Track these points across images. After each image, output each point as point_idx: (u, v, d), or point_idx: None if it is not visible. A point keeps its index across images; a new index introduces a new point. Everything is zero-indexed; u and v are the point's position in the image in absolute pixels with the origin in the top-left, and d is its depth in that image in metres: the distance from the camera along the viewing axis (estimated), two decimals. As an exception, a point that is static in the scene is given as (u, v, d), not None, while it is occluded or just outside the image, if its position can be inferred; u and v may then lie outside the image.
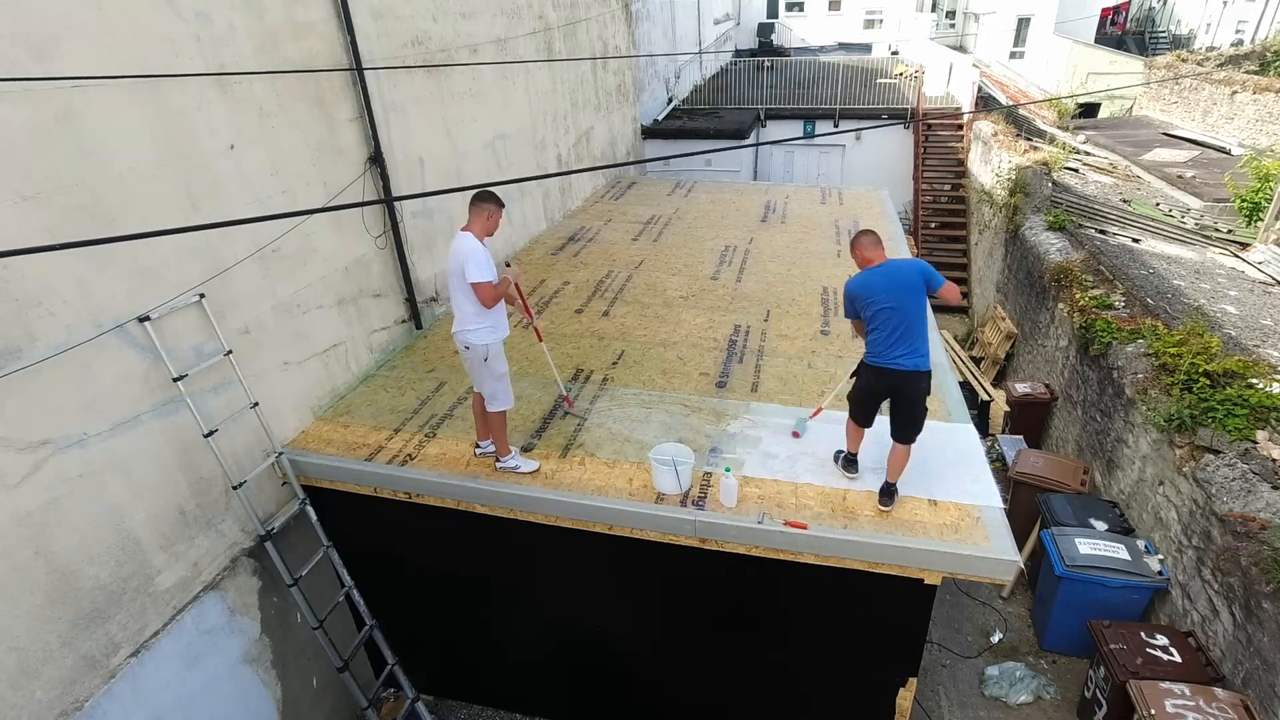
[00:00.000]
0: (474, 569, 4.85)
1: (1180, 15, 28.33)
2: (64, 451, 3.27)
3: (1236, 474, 4.72)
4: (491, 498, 4.27)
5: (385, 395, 5.18)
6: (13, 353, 3.03)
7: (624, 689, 5.19)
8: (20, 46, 2.99)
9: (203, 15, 3.81)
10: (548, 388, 5.22)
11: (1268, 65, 16.10)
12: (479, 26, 6.77)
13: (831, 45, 28.40)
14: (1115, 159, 13.38)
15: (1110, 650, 4.71)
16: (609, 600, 4.69)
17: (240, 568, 4.29)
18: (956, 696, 5.45)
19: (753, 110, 15.16)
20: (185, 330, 3.84)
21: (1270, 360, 6.07)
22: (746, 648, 4.58)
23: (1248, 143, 13.32)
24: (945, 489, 4.08)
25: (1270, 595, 4.07)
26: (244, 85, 4.11)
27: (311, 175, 4.69)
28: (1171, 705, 4.17)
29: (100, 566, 3.48)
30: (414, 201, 5.86)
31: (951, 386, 5.15)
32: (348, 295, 5.17)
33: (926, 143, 14.55)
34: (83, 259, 3.29)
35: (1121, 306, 7.07)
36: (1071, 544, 5.43)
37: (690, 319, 6.30)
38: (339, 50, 4.86)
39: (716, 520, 3.91)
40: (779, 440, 4.55)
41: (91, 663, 3.46)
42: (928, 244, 13.67)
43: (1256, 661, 4.19)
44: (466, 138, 6.72)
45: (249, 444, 4.29)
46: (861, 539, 3.76)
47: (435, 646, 5.40)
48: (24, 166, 3.04)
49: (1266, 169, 9.66)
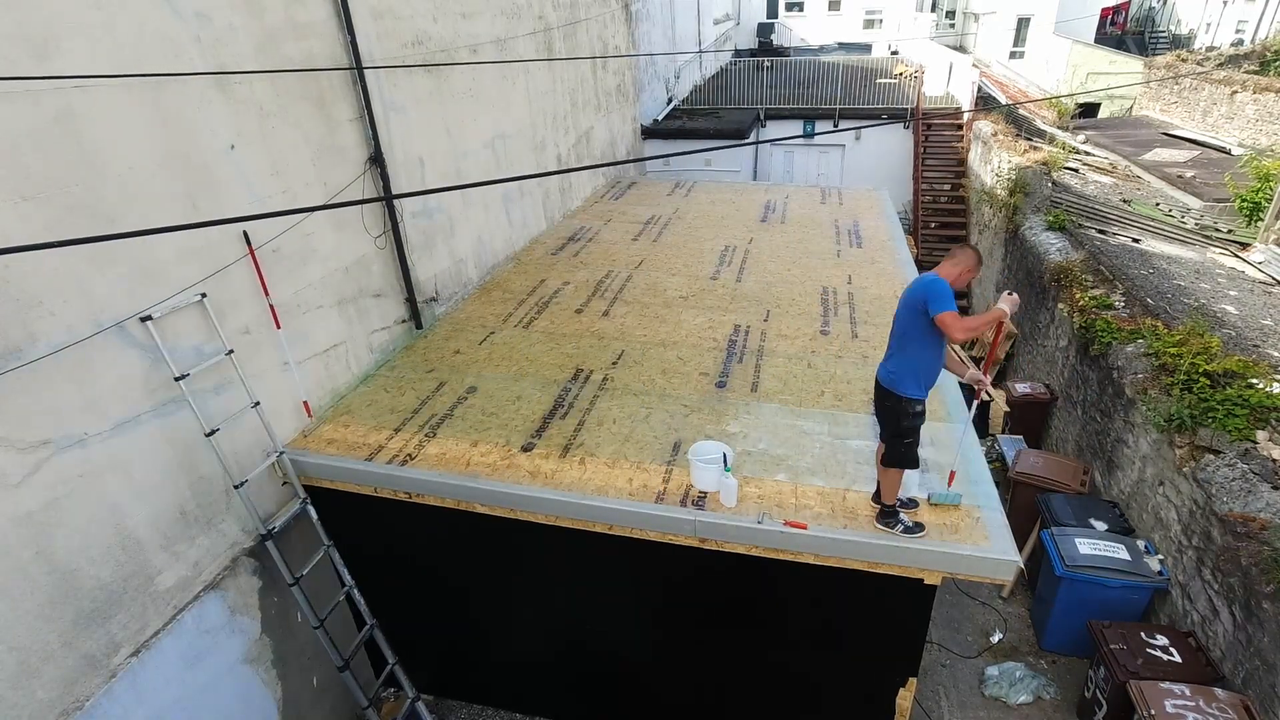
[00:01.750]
0: (474, 568, 4.85)
1: (1180, 15, 28.33)
2: (65, 451, 3.28)
3: (1236, 474, 4.72)
4: (491, 498, 4.27)
5: (385, 395, 5.19)
6: (14, 352, 3.03)
7: (623, 688, 5.19)
8: (20, 46, 2.99)
9: (203, 15, 3.81)
10: (547, 388, 5.22)
11: (1268, 65, 16.10)
12: (479, 27, 6.77)
13: (831, 45, 28.42)
14: (1115, 159, 13.39)
15: (1110, 650, 4.71)
16: (609, 600, 4.70)
17: (241, 567, 4.29)
18: (956, 696, 5.45)
19: (752, 110, 15.16)
20: (186, 330, 3.84)
21: (1271, 360, 6.07)
22: (746, 648, 4.58)
23: (1248, 142, 13.32)
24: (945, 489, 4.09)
25: (1270, 595, 4.07)
26: (244, 85, 4.11)
27: (311, 175, 4.69)
28: (1171, 705, 4.18)
29: (101, 566, 3.48)
30: (414, 201, 5.86)
31: (951, 386, 5.15)
32: (348, 295, 5.17)
33: (926, 143, 14.54)
34: (84, 259, 3.29)
35: (1121, 306, 7.07)
36: (1071, 544, 5.43)
37: (690, 319, 6.30)
38: (339, 50, 4.86)
39: (716, 520, 3.91)
40: (778, 440, 4.56)
41: (92, 662, 3.46)
42: (927, 244, 13.66)
43: (1257, 662, 4.19)
44: (466, 138, 6.72)
45: (249, 444, 4.29)
46: (861, 539, 3.76)
47: (435, 646, 5.40)
48: (24, 167, 3.04)
49: (1266, 169, 9.66)
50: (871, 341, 5.80)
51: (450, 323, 6.30)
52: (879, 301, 6.55)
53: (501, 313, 6.50)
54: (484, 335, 6.07)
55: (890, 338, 3.69)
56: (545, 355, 5.70)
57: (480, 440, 4.64)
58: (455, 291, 6.71)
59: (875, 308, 6.43)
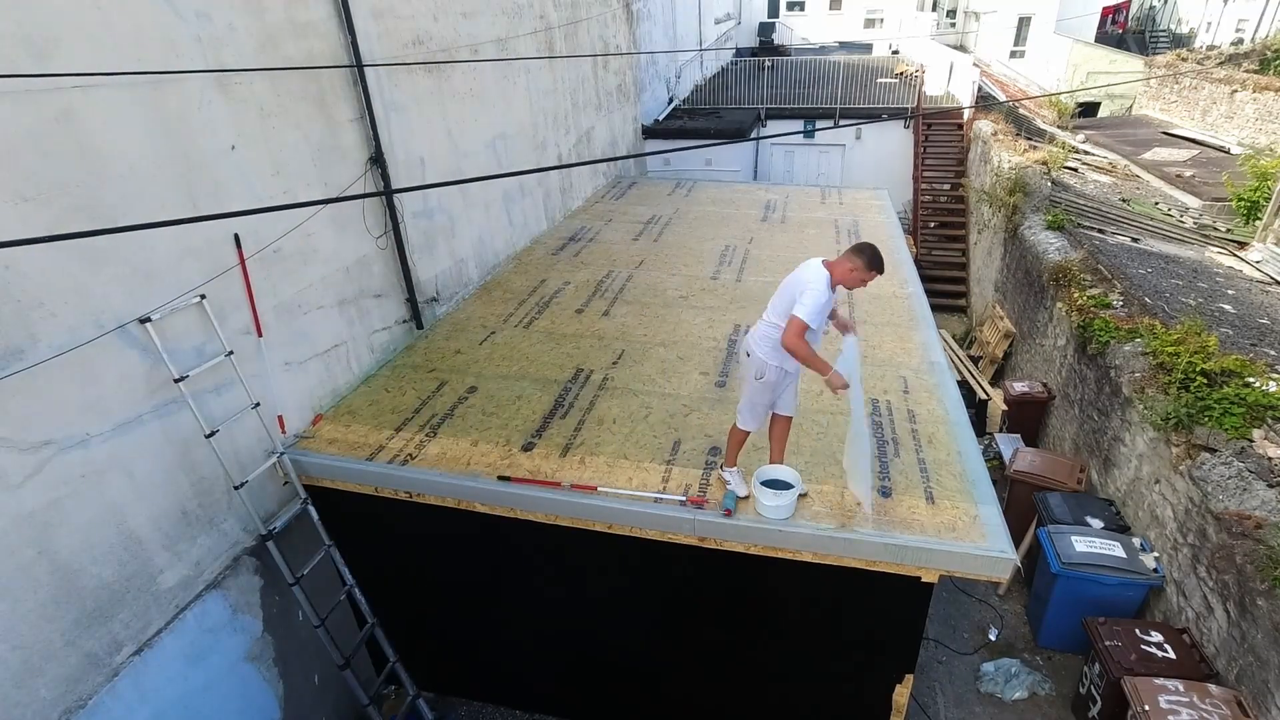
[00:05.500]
0: (474, 567, 4.88)
1: (1181, 14, 28.31)
2: (66, 452, 3.30)
3: (1232, 472, 4.74)
4: (491, 497, 4.29)
5: (386, 395, 5.21)
6: (15, 353, 3.05)
7: (622, 686, 5.22)
8: (20, 46, 3.00)
9: (203, 15, 3.82)
10: (547, 387, 5.25)
11: (1268, 64, 16.10)
12: (480, 26, 6.78)
13: (832, 44, 28.42)
14: (1115, 158, 13.40)
15: (1105, 647, 4.74)
16: (608, 598, 4.72)
17: (242, 567, 4.31)
18: (952, 693, 5.48)
19: (753, 110, 15.17)
20: (186, 331, 3.86)
21: (1268, 359, 6.09)
22: (744, 645, 4.61)
23: (1247, 141, 13.33)
24: (943, 487, 4.11)
25: (1264, 592, 4.10)
26: (244, 85, 4.12)
27: (312, 176, 4.71)
28: (1165, 701, 4.20)
29: (103, 566, 3.50)
30: (415, 201, 5.87)
31: (950, 386, 5.18)
32: (349, 295, 5.19)
33: (926, 142, 14.55)
34: (84, 261, 3.31)
35: (1119, 305, 7.09)
36: (1067, 542, 5.46)
37: (690, 319, 6.32)
38: (339, 50, 4.87)
39: (715, 519, 3.94)
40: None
41: (95, 661, 3.49)
42: (927, 244, 13.68)
43: (1250, 658, 4.22)
44: (467, 138, 6.73)
45: (250, 444, 4.31)
46: (859, 537, 3.79)
47: (436, 644, 5.42)
48: (24, 167, 3.05)
49: (1265, 168, 9.68)
50: (871, 341, 5.82)
51: (451, 323, 6.32)
52: (878, 301, 6.57)
53: (502, 313, 6.51)
54: (485, 335, 6.09)
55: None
56: (545, 355, 5.72)
57: (481, 440, 4.66)
58: (456, 291, 6.72)
59: (875, 307, 6.45)
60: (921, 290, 6.88)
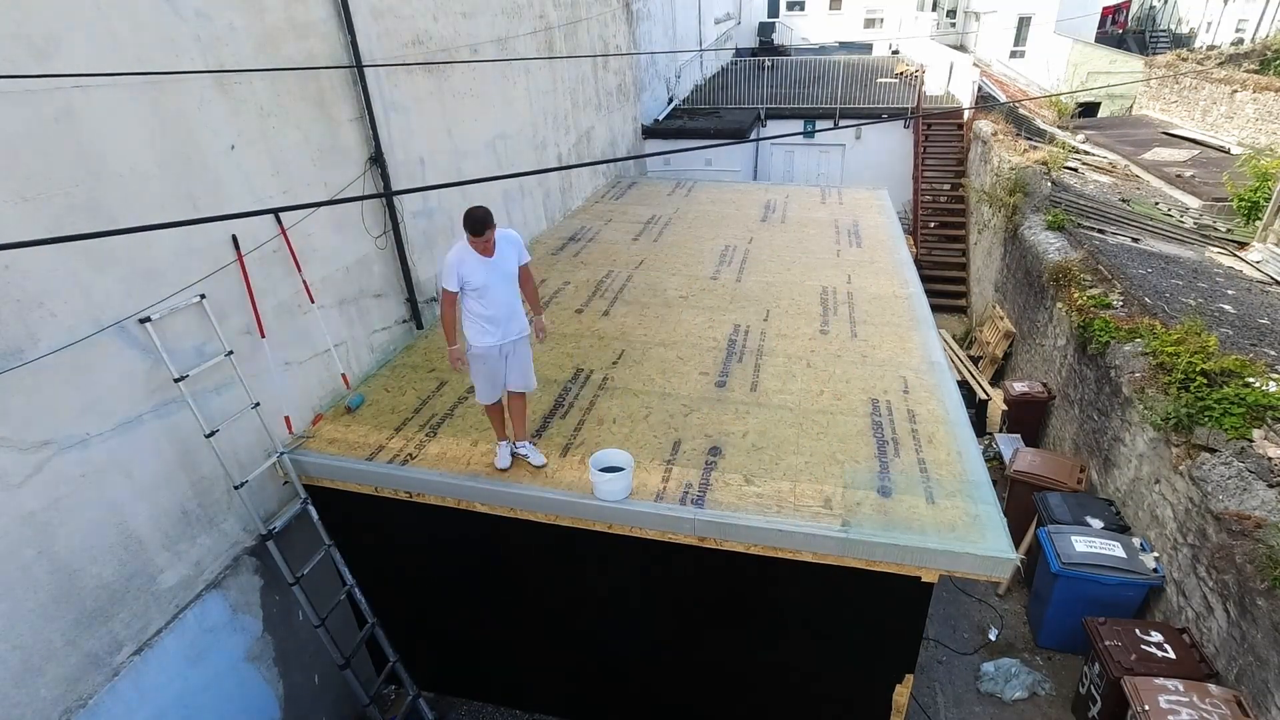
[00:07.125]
0: (474, 567, 4.88)
1: (1182, 14, 28.31)
2: (66, 451, 3.30)
3: (1232, 472, 4.74)
4: (491, 496, 4.29)
5: (386, 395, 5.21)
6: (15, 353, 3.05)
7: (622, 685, 5.22)
8: (20, 46, 3.00)
9: (203, 15, 3.82)
10: (548, 387, 5.24)
11: (1268, 64, 16.10)
12: (480, 26, 6.78)
13: (832, 44, 28.41)
14: (1115, 158, 13.40)
15: (1105, 647, 4.74)
16: (608, 597, 4.72)
17: (242, 566, 4.31)
18: (952, 693, 5.48)
19: (753, 110, 15.16)
20: (186, 331, 3.86)
21: (1268, 359, 6.09)
22: (744, 644, 4.61)
23: (1247, 141, 13.33)
24: (943, 487, 4.11)
25: (1264, 592, 4.10)
26: (244, 85, 4.12)
27: (312, 176, 4.71)
28: (1165, 701, 4.20)
29: (103, 565, 3.51)
30: (415, 201, 5.87)
31: (950, 386, 5.18)
32: (349, 295, 5.19)
33: (926, 142, 14.55)
34: (84, 260, 3.31)
35: (1120, 306, 7.09)
36: (1067, 542, 5.46)
37: (690, 319, 6.32)
38: (339, 50, 4.87)
39: (715, 519, 3.94)
40: (777, 439, 4.58)
41: (95, 660, 3.49)
42: (927, 243, 13.68)
43: (1250, 658, 4.22)
44: (467, 138, 6.73)
45: (250, 443, 4.31)
46: (859, 537, 3.79)
47: (436, 644, 5.42)
48: (24, 167, 3.05)
49: (1265, 168, 9.68)
50: (871, 341, 5.82)
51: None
52: (878, 301, 6.57)
53: (501, 312, 6.50)
54: (484, 334, 6.08)
55: None
56: (545, 355, 5.72)
57: (481, 440, 4.66)
58: (455, 291, 6.71)
59: (875, 307, 6.45)
60: (921, 290, 6.88)
